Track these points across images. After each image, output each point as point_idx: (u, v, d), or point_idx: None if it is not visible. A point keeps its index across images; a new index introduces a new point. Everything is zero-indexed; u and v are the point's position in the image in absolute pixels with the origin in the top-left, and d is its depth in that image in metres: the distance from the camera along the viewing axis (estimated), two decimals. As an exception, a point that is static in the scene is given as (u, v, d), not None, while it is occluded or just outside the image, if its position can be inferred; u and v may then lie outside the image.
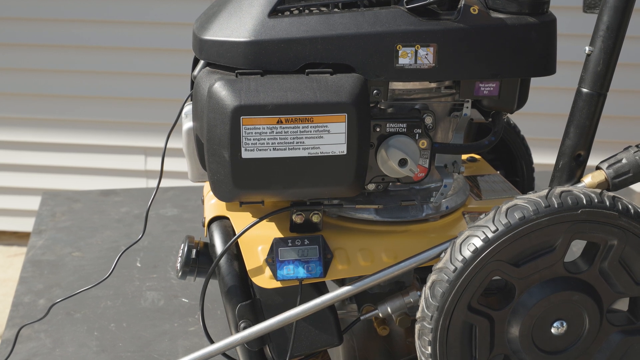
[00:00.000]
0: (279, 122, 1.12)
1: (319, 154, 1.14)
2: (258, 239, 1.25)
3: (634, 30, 1.37)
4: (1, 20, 3.15)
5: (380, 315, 1.31)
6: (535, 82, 1.27)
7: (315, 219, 1.25)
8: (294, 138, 1.13)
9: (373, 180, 1.23)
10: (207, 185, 1.45)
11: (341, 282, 1.36)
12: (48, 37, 3.15)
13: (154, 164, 3.29)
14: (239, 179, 1.14)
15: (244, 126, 1.11)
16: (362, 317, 1.33)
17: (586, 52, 1.16)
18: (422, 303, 1.15)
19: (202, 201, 1.43)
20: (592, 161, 1.19)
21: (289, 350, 1.25)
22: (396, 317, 1.34)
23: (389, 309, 1.30)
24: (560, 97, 2.27)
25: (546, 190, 1.13)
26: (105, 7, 3.11)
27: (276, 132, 1.12)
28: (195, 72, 1.23)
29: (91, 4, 3.11)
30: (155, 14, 3.12)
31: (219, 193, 1.18)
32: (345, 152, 1.15)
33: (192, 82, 1.26)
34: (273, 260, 1.24)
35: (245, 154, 1.12)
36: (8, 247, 3.51)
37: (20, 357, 1.54)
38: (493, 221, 1.11)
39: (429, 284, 1.14)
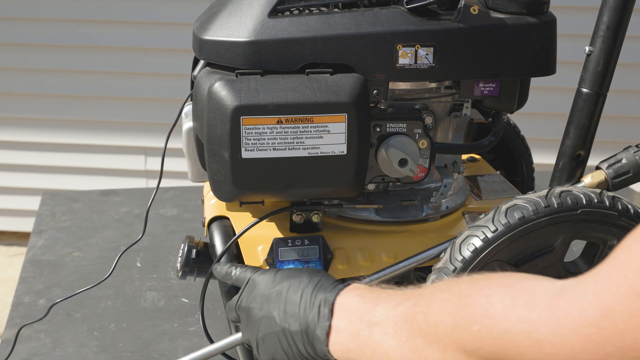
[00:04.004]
0: (279, 122, 1.12)
1: (319, 154, 1.14)
2: (258, 239, 1.25)
3: (634, 30, 1.37)
4: (1, 20, 3.15)
5: (380, 315, 1.31)
6: (535, 82, 1.27)
7: (315, 219, 1.25)
8: (294, 138, 1.13)
9: (373, 180, 1.23)
10: (207, 185, 1.45)
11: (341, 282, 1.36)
12: (48, 37, 3.16)
13: (154, 164, 3.29)
14: (239, 179, 1.14)
15: (244, 126, 1.11)
16: (362, 317, 1.33)
17: (586, 52, 1.16)
18: (422, 303, 1.15)
19: (202, 201, 1.43)
20: (592, 161, 1.19)
21: (289, 350, 1.25)
22: (396, 317, 1.34)
23: (389, 309, 1.30)
24: (560, 97, 2.27)
25: (546, 190, 1.12)
26: (105, 7, 3.11)
27: (276, 132, 1.12)
28: (195, 72, 1.23)
29: (91, 4, 3.11)
30: (155, 14, 3.12)
31: (219, 193, 1.18)
32: (345, 152, 1.15)
33: (192, 82, 1.26)
34: (273, 260, 1.24)
35: (245, 154, 1.12)
36: (8, 247, 3.51)
37: (20, 357, 1.54)
38: (493, 221, 1.11)
39: (428, 284, 1.14)
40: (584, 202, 1.10)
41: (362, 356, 0.88)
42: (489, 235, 1.10)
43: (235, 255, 1.27)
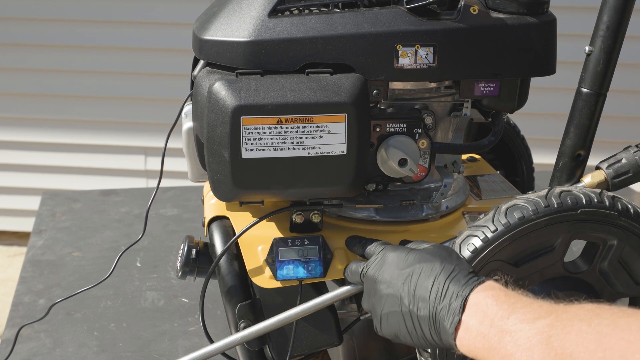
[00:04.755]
0: (279, 122, 1.12)
1: (319, 154, 1.14)
2: (258, 239, 1.25)
3: (634, 30, 1.37)
4: (1, 20, 3.15)
5: (380, 315, 1.31)
6: (535, 82, 1.27)
7: (315, 218, 1.25)
8: (294, 138, 1.13)
9: (373, 180, 1.23)
10: (207, 185, 1.45)
11: (341, 282, 1.36)
12: (48, 37, 3.16)
13: (154, 164, 3.29)
14: (239, 179, 1.14)
15: (243, 126, 1.11)
16: (362, 317, 1.33)
17: (586, 51, 1.16)
18: (422, 303, 1.15)
19: (202, 201, 1.43)
20: (592, 161, 1.19)
21: (289, 350, 1.25)
22: (396, 317, 1.33)
23: (389, 309, 1.30)
24: (560, 97, 2.27)
25: (546, 190, 1.12)
26: (105, 7, 3.11)
27: (276, 132, 1.12)
28: (195, 72, 1.23)
29: (92, 4, 3.11)
30: (155, 14, 3.12)
31: (219, 193, 1.18)
32: (345, 152, 1.15)
33: (192, 82, 1.26)
34: (273, 260, 1.24)
35: (245, 154, 1.12)
36: (8, 247, 3.51)
37: (20, 357, 1.54)
38: (492, 221, 1.11)
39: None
40: (584, 202, 1.10)
41: (489, 359, 0.91)
42: (489, 235, 1.10)
43: (235, 255, 1.27)
